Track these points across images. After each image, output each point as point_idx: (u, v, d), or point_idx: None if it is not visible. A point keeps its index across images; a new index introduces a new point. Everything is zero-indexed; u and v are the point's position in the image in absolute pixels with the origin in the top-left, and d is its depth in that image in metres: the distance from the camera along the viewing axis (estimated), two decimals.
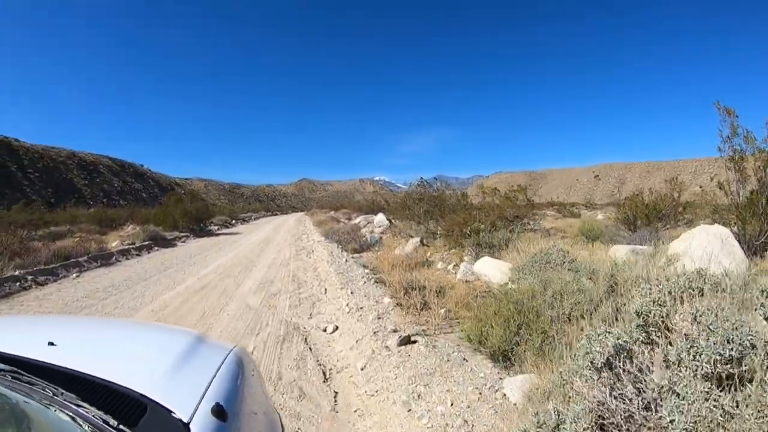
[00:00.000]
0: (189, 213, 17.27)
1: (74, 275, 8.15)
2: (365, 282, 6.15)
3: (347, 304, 5.12)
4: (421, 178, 16.41)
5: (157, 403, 0.92)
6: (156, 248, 12.28)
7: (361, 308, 4.84)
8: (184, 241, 14.68)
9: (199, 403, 0.95)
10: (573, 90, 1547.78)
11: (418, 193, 15.72)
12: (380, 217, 15.45)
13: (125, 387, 0.95)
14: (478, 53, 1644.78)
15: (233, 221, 28.10)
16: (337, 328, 4.61)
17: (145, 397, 0.93)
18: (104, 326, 1.68)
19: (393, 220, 16.44)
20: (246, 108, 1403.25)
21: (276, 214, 60.08)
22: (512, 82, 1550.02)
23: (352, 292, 5.59)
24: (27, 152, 55.04)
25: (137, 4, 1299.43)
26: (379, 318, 4.36)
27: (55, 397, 0.82)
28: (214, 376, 1.10)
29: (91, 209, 23.17)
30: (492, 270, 5.71)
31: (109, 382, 0.96)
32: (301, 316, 5.12)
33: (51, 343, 1.11)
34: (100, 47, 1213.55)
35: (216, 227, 22.49)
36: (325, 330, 4.58)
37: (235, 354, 1.28)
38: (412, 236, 11.71)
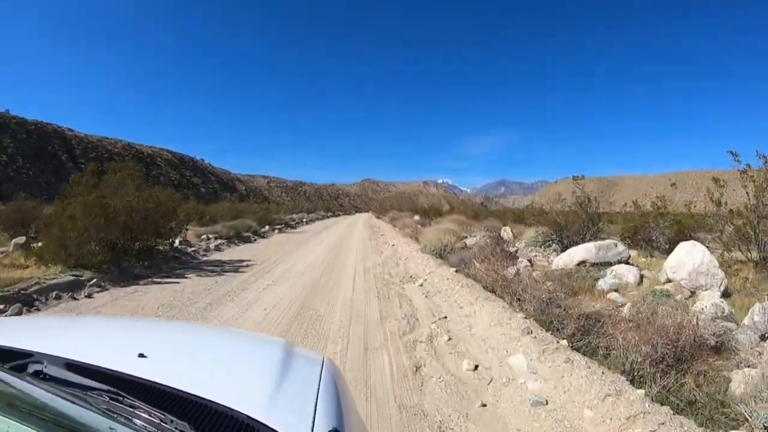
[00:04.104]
0: (117, 222, 7.35)
1: None
2: None
3: None
4: None
5: (268, 427, 0.75)
6: None
7: None
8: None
9: (312, 427, 0.78)
10: (650, 87, 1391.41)
11: None
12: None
13: (230, 408, 0.78)
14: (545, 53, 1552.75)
15: (264, 228, 18.27)
16: None
17: (252, 419, 0.76)
18: (191, 333, 1.44)
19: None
20: (314, 110, 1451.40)
21: (338, 215, 50.27)
22: (580, 79, 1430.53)
23: None
24: (80, 142, 52.60)
25: (214, 10, 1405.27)
26: None
27: (164, 425, 0.66)
28: (318, 394, 0.92)
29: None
30: None
31: (213, 402, 0.79)
32: None
33: (141, 355, 0.94)
34: (168, 44, 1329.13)
35: (221, 242, 12.72)
36: None
37: (327, 366, 1.10)
38: None
